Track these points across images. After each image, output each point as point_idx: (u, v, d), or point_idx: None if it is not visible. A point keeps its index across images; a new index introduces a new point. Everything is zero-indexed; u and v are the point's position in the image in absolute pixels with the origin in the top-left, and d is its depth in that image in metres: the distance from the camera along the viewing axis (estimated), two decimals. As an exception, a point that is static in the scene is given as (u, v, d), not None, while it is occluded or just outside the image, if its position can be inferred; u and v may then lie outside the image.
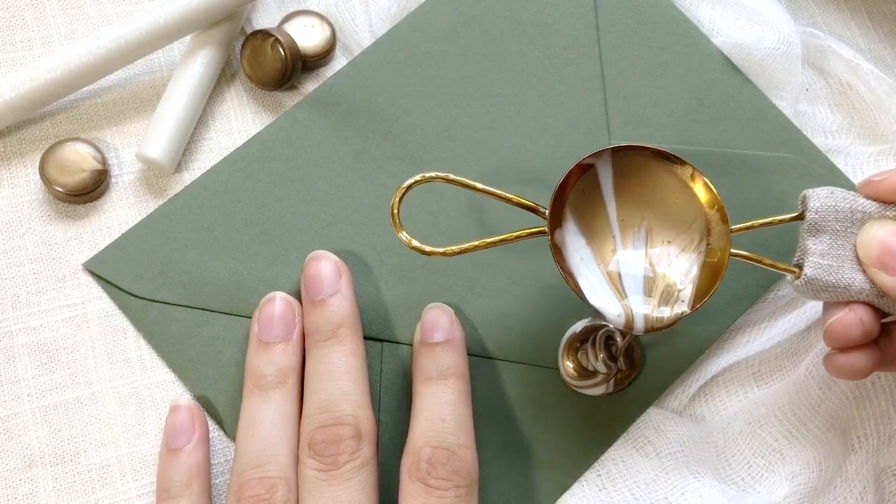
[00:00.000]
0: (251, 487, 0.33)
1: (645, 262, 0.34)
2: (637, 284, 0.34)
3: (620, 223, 0.34)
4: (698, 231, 0.34)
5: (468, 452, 0.34)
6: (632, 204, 0.34)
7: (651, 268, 0.34)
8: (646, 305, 0.33)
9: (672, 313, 0.33)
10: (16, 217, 0.39)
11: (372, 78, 0.41)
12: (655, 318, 0.33)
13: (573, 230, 0.34)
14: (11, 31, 0.41)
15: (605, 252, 0.34)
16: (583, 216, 0.34)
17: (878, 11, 0.48)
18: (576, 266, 0.33)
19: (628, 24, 0.43)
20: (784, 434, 0.38)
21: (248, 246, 0.39)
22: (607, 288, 0.33)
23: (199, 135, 0.41)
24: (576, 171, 0.33)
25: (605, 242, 0.34)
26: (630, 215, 0.34)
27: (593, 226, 0.34)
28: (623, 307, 0.33)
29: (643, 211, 0.34)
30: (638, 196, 0.34)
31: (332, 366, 0.35)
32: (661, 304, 0.33)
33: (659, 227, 0.34)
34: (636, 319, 0.33)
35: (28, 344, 0.38)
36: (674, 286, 0.34)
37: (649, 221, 0.34)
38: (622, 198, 0.34)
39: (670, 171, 0.34)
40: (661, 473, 0.38)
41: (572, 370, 0.38)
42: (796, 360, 0.40)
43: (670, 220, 0.34)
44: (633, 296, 0.33)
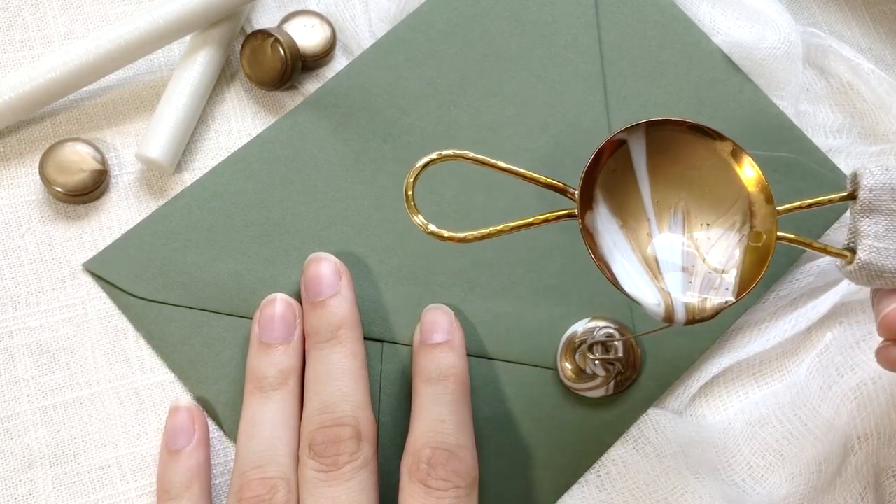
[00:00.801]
0: (252, 488, 0.33)
1: (683, 247, 0.31)
2: (675, 271, 0.31)
3: (655, 205, 0.31)
4: (741, 212, 0.31)
5: (468, 453, 0.34)
6: (667, 183, 0.31)
7: (690, 253, 0.31)
8: (686, 294, 0.30)
9: (715, 302, 0.30)
10: (16, 217, 0.39)
11: (371, 79, 0.41)
12: (697, 307, 0.30)
13: (605, 213, 0.31)
14: (11, 31, 0.41)
15: (640, 236, 0.31)
16: (615, 197, 0.31)
17: (878, 11, 0.48)
18: (608, 251, 0.31)
19: (629, 23, 0.43)
20: (784, 434, 0.39)
21: (248, 247, 0.39)
22: (644, 275, 0.31)
23: (199, 135, 0.41)
24: (607, 148, 0.31)
25: (639, 225, 0.31)
26: (666, 196, 0.31)
27: (626, 208, 0.31)
28: (662, 296, 0.30)
29: (680, 191, 0.31)
30: (674, 175, 0.32)
31: (331, 367, 0.35)
32: (702, 292, 0.30)
33: (697, 208, 0.31)
34: (676, 309, 0.30)
35: (28, 344, 0.38)
36: (716, 273, 0.31)
37: (686, 202, 0.31)
38: (657, 177, 0.31)
39: (709, 147, 0.31)
40: (661, 474, 0.38)
41: (570, 372, 0.38)
42: (797, 361, 0.40)
43: (710, 200, 0.31)
44: (672, 283, 0.31)
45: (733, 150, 0.31)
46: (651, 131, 0.31)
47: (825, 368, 0.39)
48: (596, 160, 0.31)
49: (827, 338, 0.40)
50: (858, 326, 0.41)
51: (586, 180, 0.31)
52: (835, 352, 0.40)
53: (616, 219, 0.31)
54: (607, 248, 0.31)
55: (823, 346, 0.40)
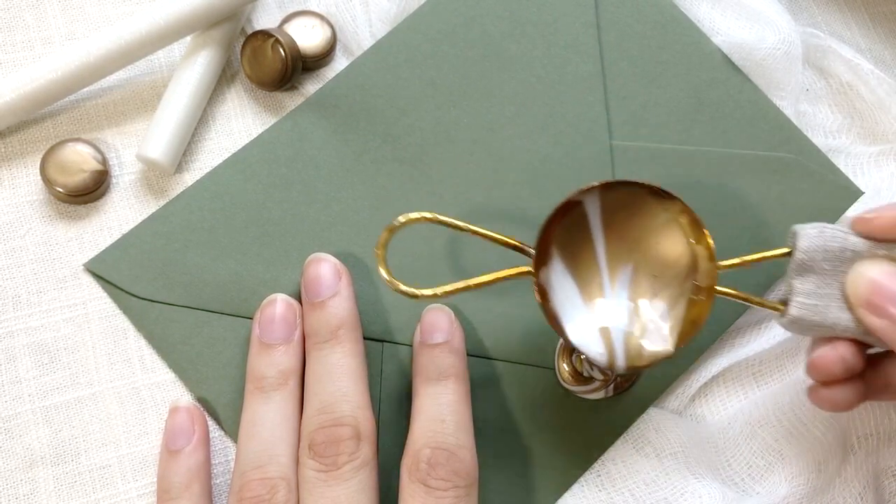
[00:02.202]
0: (252, 488, 0.33)
1: (630, 301, 0.33)
2: (621, 322, 0.33)
3: (608, 260, 0.34)
4: (685, 268, 0.33)
5: (468, 453, 0.34)
6: (620, 240, 0.34)
7: (636, 306, 0.33)
8: (628, 344, 0.33)
9: (653, 353, 0.33)
10: (16, 217, 0.39)
11: (371, 80, 0.41)
12: (636, 356, 0.32)
13: (559, 269, 0.33)
14: (12, 31, 0.41)
15: (592, 289, 0.33)
16: (570, 254, 0.33)
17: (878, 12, 0.48)
18: (560, 305, 0.33)
19: (629, 23, 0.43)
20: (784, 434, 0.39)
21: (248, 247, 0.39)
22: (591, 327, 0.33)
23: (200, 135, 0.41)
24: (563, 209, 0.33)
25: (591, 280, 0.33)
26: (618, 252, 0.34)
27: (580, 263, 0.33)
28: (605, 346, 0.33)
29: (631, 247, 0.34)
30: (626, 232, 0.34)
31: (331, 367, 0.35)
32: (643, 342, 0.33)
33: (646, 262, 0.34)
34: (617, 358, 0.32)
35: (29, 344, 0.38)
36: (657, 325, 0.33)
37: (637, 258, 0.34)
38: (611, 234, 0.34)
39: (660, 206, 0.33)
40: (661, 474, 0.38)
41: (568, 374, 0.38)
42: (796, 361, 0.40)
43: (658, 256, 0.34)
44: (616, 333, 0.33)
45: (682, 209, 0.33)
46: (606, 192, 0.33)
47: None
48: (552, 219, 0.33)
49: (827, 337, 0.40)
50: (858, 326, 0.41)
51: (543, 238, 0.33)
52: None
53: (570, 274, 0.33)
54: (559, 302, 0.33)
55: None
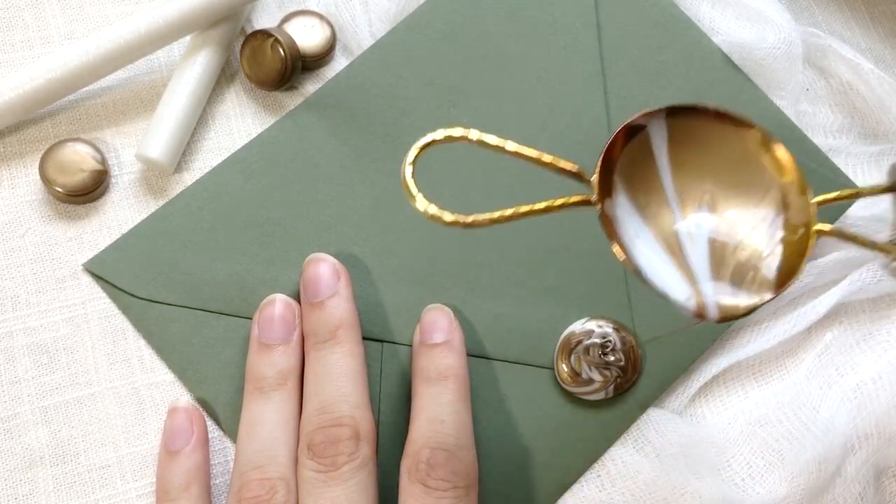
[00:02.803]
0: (251, 489, 0.33)
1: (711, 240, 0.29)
2: (704, 265, 0.28)
3: (679, 196, 0.29)
4: (773, 204, 0.29)
5: (467, 453, 0.34)
6: (692, 174, 0.29)
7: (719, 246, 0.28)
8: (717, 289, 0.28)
9: (750, 299, 0.28)
10: (16, 217, 0.39)
11: (371, 80, 0.41)
12: (730, 304, 0.28)
13: (624, 202, 0.28)
14: (11, 31, 0.41)
15: (664, 226, 0.28)
16: (634, 186, 0.28)
17: (878, 11, 0.48)
18: (630, 242, 0.28)
19: (629, 23, 0.43)
20: (784, 434, 0.38)
21: (248, 247, 0.39)
22: (671, 268, 0.28)
23: (199, 135, 0.41)
24: (624, 133, 0.28)
25: (662, 215, 0.29)
26: (690, 187, 0.29)
27: (647, 197, 0.29)
28: (692, 290, 0.28)
29: (705, 182, 0.29)
30: (698, 165, 0.29)
31: (330, 367, 0.35)
32: (734, 287, 0.28)
33: (725, 200, 0.29)
34: (708, 306, 0.28)
35: (28, 344, 0.38)
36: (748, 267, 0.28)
37: (713, 194, 0.29)
38: (680, 167, 0.29)
39: (736, 135, 0.29)
40: (662, 474, 0.38)
41: (566, 375, 0.38)
42: (797, 361, 0.40)
43: (738, 192, 0.29)
44: (702, 278, 0.28)
45: (763, 138, 0.29)
46: (672, 118, 0.29)
47: (825, 368, 0.39)
48: (613, 145, 0.28)
49: (827, 338, 0.40)
50: (858, 326, 0.41)
51: (603, 167, 0.28)
52: (835, 352, 0.40)
53: (637, 208, 0.29)
54: (629, 239, 0.28)
55: (823, 345, 0.40)
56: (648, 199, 0.29)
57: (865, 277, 0.39)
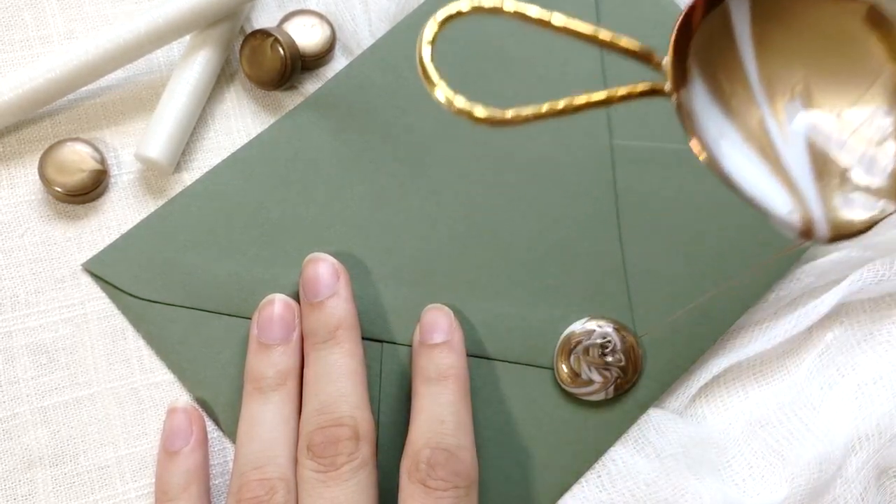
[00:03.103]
0: (251, 489, 0.33)
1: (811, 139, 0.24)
2: (805, 170, 0.24)
3: (766, 85, 0.24)
4: (884, 93, 0.24)
5: (467, 453, 0.34)
6: (781, 57, 0.24)
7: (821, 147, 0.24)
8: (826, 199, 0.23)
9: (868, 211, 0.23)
10: (15, 217, 0.39)
11: (371, 80, 0.41)
12: (843, 219, 0.23)
13: (702, 93, 0.24)
14: (10, 30, 0.41)
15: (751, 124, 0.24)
16: (714, 74, 0.24)
17: (879, 10, 0.48)
18: (713, 142, 0.24)
19: (629, 22, 0.43)
20: (785, 435, 0.38)
21: (247, 247, 0.39)
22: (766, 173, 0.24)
23: (199, 135, 0.41)
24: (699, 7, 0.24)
25: (748, 111, 0.24)
26: (779, 74, 0.24)
27: (730, 88, 0.24)
28: (794, 201, 0.23)
29: (797, 67, 0.24)
30: (789, 46, 0.24)
31: (330, 368, 0.35)
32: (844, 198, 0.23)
33: (823, 89, 0.24)
34: (816, 220, 0.23)
35: (27, 344, 0.37)
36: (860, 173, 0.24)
37: (807, 82, 0.24)
38: (766, 48, 0.24)
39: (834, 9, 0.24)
40: (662, 474, 0.38)
41: (566, 376, 0.38)
42: (797, 361, 0.40)
43: (840, 79, 0.24)
44: (805, 186, 0.23)
45: (868, 13, 0.24)
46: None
47: (826, 368, 0.39)
48: (686, 21, 0.24)
49: (828, 338, 0.40)
50: (859, 326, 0.40)
51: (677, 47, 0.24)
52: (836, 352, 0.40)
53: (717, 102, 0.24)
54: (712, 139, 0.24)
55: (824, 346, 0.40)
56: (731, 88, 0.24)
57: (866, 277, 0.39)
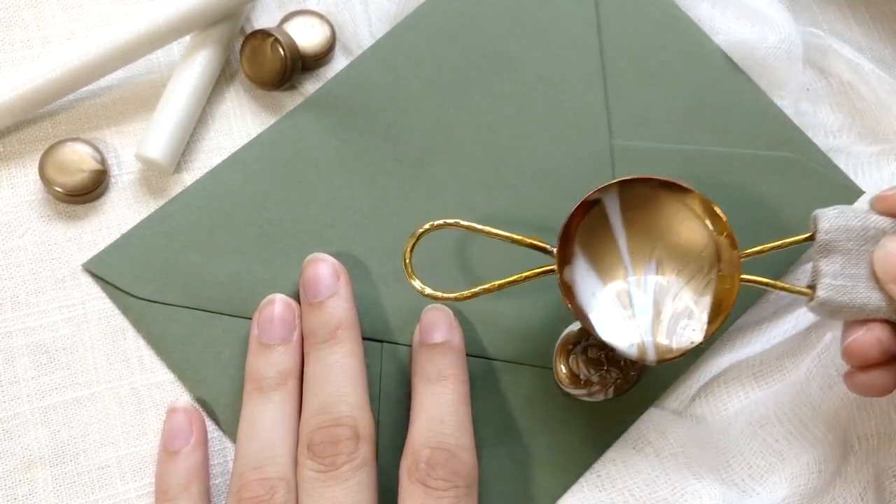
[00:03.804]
0: (251, 488, 0.33)
1: (655, 292, 0.34)
2: (647, 315, 0.34)
3: (631, 255, 0.34)
4: (708, 259, 0.34)
5: (467, 453, 0.34)
6: (642, 235, 0.34)
7: (661, 298, 0.34)
8: (656, 336, 0.33)
9: (682, 343, 0.33)
10: (15, 217, 0.39)
11: (371, 80, 0.41)
12: (665, 348, 0.33)
13: (583, 266, 0.34)
14: (11, 30, 0.41)
15: (617, 283, 0.34)
16: (593, 252, 0.34)
17: (878, 11, 0.48)
18: (587, 302, 0.34)
19: (629, 22, 0.43)
20: (784, 435, 0.38)
21: (247, 247, 0.39)
22: (619, 321, 0.34)
23: (199, 135, 0.41)
24: (582, 208, 0.34)
25: (616, 275, 0.34)
26: (641, 247, 0.34)
27: (604, 260, 0.34)
28: (634, 339, 0.33)
29: (654, 242, 0.34)
30: (648, 227, 0.34)
31: (330, 367, 0.35)
32: (670, 334, 0.33)
33: (669, 256, 0.34)
34: (647, 351, 0.33)
35: (27, 344, 0.38)
36: (683, 315, 0.34)
37: (660, 252, 0.34)
38: (632, 230, 0.34)
39: (679, 199, 0.34)
40: (661, 474, 0.38)
41: (564, 376, 0.38)
42: (797, 361, 0.40)
43: (680, 249, 0.34)
44: (644, 327, 0.34)
45: (701, 201, 0.34)
46: (624, 189, 0.34)
47: (825, 368, 0.39)
48: (572, 219, 0.34)
49: (827, 338, 0.40)
50: (858, 326, 0.41)
51: (564, 238, 0.34)
52: (835, 352, 0.40)
53: (594, 271, 0.34)
54: (586, 299, 0.34)
55: (823, 346, 0.40)
56: (604, 260, 0.34)
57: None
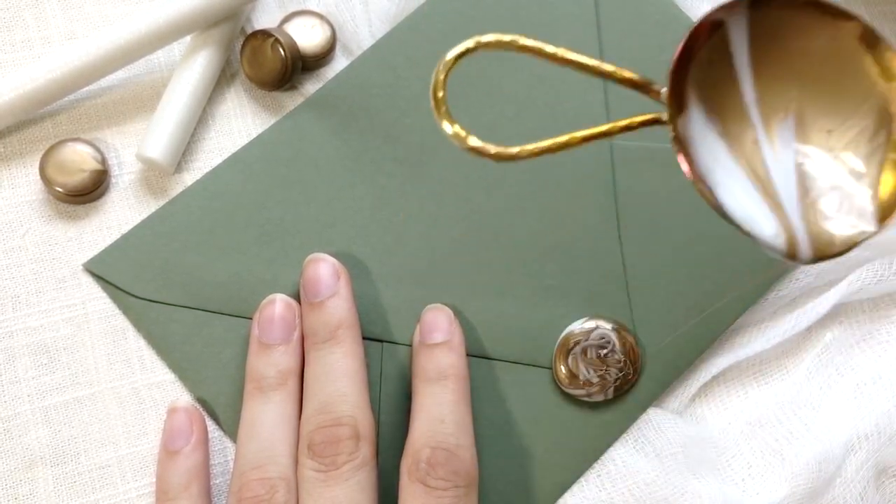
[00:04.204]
0: (251, 488, 0.33)
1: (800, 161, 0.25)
2: (792, 193, 0.25)
3: (762, 106, 0.25)
4: (873, 115, 0.25)
5: (467, 453, 0.34)
6: (776, 79, 0.25)
7: (809, 168, 0.25)
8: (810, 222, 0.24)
9: (848, 232, 0.24)
10: (16, 217, 0.39)
11: (371, 80, 0.41)
12: (825, 239, 0.24)
13: (700, 118, 0.25)
14: (11, 31, 0.41)
15: (745, 146, 0.25)
16: (711, 99, 0.25)
17: (879, 11, 0.48)
18: (708, 168, 0.24)
19: (629, 23, 0.43)
20: (784, 434, 0.38)
21: (248, 247, 0.39)
22: (755, 197, 0.25)
23: (199, 135, 0.41)
24: (701, 33, 0.25)
25: (743, 133, 0.25)
26: (774, 95, 0.25)
27: (726, 112, 0.25)
28: (780, 224, 0.24)
29: (792, 89, 0.25)
30: (784, 68, 0.25)
31: (330, 367, 0.35)
32: (828, 219, 0.24)
33: (815, 110, 0.25)
34: (800, 242, 0.24)
35: (28, 344, 0.38)
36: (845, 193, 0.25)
37: (801, 103, 0.25)
38: (763, 71, 0.25)
39: (830, 29, 0.25)
40: (662, 474, 0.38)
41: (564, 376, 0.38)
42: (797, 361, 0.40)
43: (831, 100, 0.25)
44: (791, 209, 0.24)
45: (862, 34, 0.25)
46: (755, 10, 0.25)
47: (825, 368, 0.39)
48: (686, 51, 0.25)
49: (827, 337, 0.40)
50: (858, 326, 0.41)
51: (675, 77, 0.25)
52: (835, 351, 0.40)
53: (714, 125, 0.25)
54: (706, 165, 0.25)
55: (823, 345, 0.40)
56: (727, 112, 0.25)
57: (865, 277, 0.39)
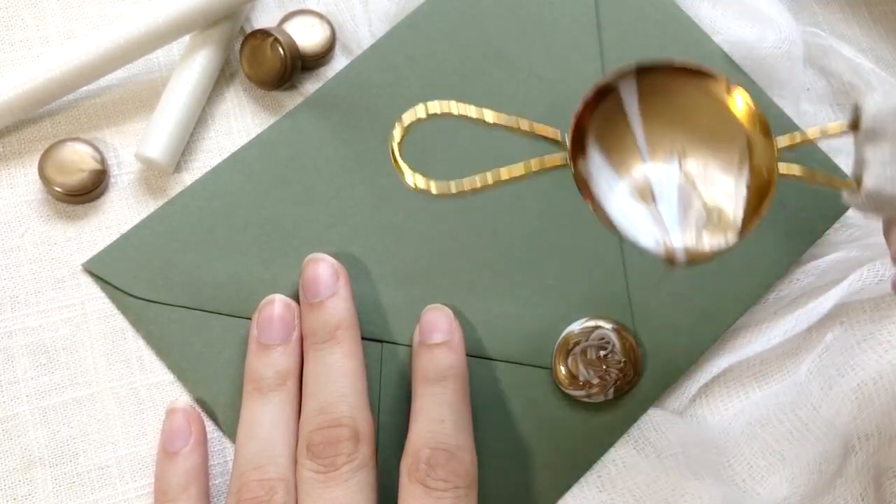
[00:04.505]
0: (250, 489, 0.33)
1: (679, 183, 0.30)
2: (673, 211, 0.30)
3: (650, 147, 0.30)
4: (738, 149, 0.30)
5: (467, 453, 0.34)
6: (662, 126, 0.30)
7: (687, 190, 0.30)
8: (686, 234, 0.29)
9: (717, 243, 0.29)
10: (15, 217, 0.39)
11: (371, 79, 0.41)
12: (696, 248, 0.29)
13: (598, 159, 0.30)
14: (10, 30, 0.41)
15: (636, 177, 0.30)
16: (608, 143, 0.30)
17: (879, 11, 0.48)
18: (604, 196, 0.29)
19: (629, 23, 0.43)
20: (785, 435, 0.38)
21: (247, 247, 0.39)
22: (643, 216, 0.29)
23: (199, 135, 0.41)
24: (595, 96, 0.30)
25: (634, 166, 0.30)
26: (661, 138, 0.30)
27: (620, 152, 0.30)
28: (660, 236, 0.29)
29: (675, 133, 0.30)
30: (668, 117, 0.30)
31: (329, 368, 0.35)
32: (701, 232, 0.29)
33: (694, 148, 0.30)
34: (676, 250, 0.29)
35: (27, 344, 0.37)
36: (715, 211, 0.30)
37: (683, 144, 0.30)
38: (651, 120, 0.30)
39: (702, 86, 0.30)
40: (662, 474, 0.38)
41: (563, 377, 0.38)
42: (797, 361, 0.40)
43: (706, 140, 0.30)
44: (671, 223, 0.29)
45: (728, 87, 0.30)
46: (642, 75, 0.30)
47: (826, 368, 0.39)
48: (585, 108, 0.30)
49: (827, 338, 0.40)
50: (859, 327, 0.40)
51: (577, 127, 0.30)
52: (835, 352, 0.40)
53: (610, 163, 0.30)
54: (602, 193, 0.30)
55: (824, 346, 0.40)
56: (621, 153, 0.30)
57: (866, 278, 0.39)
